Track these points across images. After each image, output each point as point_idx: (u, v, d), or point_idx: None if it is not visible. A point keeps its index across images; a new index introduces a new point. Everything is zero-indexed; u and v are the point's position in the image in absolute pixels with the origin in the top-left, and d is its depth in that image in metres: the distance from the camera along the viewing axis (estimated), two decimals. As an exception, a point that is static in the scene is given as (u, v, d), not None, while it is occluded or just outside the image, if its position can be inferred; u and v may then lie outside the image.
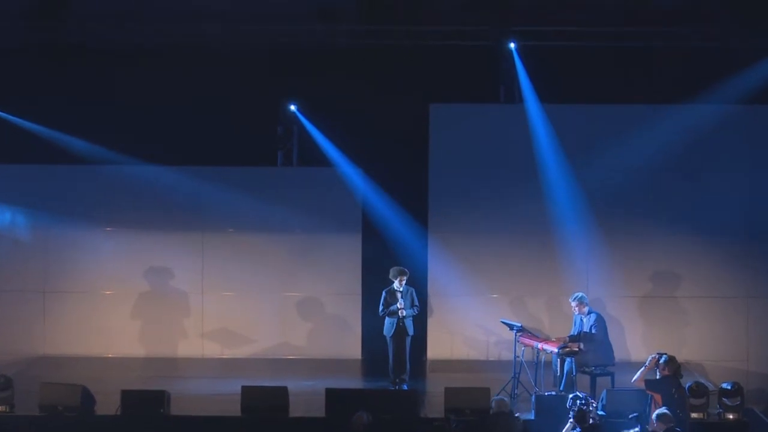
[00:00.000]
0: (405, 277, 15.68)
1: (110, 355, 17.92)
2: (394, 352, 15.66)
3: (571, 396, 12.20)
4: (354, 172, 17.81)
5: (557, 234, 17.40)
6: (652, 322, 17.61)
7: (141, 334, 18.00)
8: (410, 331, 15.73)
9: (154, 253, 17.98)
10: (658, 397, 12.97)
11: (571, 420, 11.85)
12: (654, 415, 11.93)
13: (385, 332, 15.71)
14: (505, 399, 13.01)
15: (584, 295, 15.30)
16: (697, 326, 17.57)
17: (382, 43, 17.22)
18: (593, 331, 14.92)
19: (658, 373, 13.26)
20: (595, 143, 17.28)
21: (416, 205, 17.72)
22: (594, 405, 12.08)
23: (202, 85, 17.36)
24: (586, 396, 12.17)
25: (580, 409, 11.80)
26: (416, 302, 15.81)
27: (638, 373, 13.37)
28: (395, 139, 17.51)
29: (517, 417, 12.95)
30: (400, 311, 15.50)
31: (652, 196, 17.51)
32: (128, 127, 17.47)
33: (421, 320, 16.71)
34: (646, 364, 13.45)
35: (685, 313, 17.58)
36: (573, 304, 15.19)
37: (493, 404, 12.86)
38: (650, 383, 13.19)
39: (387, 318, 15.66)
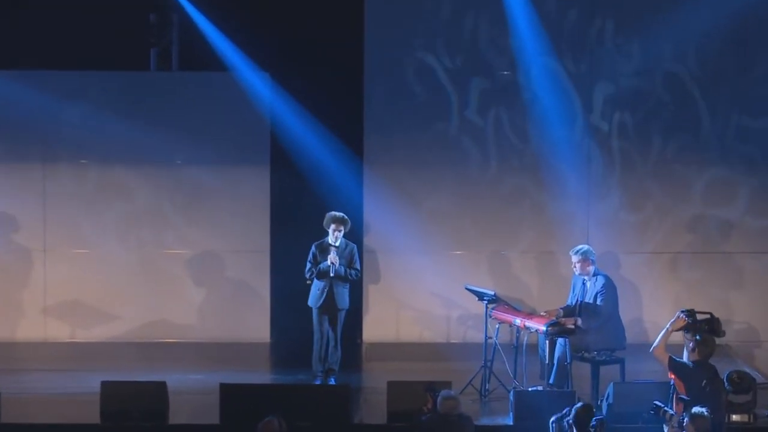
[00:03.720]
0: (343, 227, 15.78)
1: None
2: (321, 332, 15.68)
3: (552, 419, 12.15)
4: (258, 79, 17.82)
5: (545, 166, 17.59)
6: (673, 287, 17.85)
7: (-45, 310, 18.06)
8: (343, 303, 15.78)
9: (-29, 193, 18.02)
10: (680, 385, 12.90)
11: None
12: (686, 415, 11.87)
13: (310, 302, 15.78)
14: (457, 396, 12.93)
15: (590, 248, 15.34)
16: (741, 294, 17.82)
17: None
18: (599, 302, 14.99)
19: (685, 354, 13.18)
20: (599, 34, 17.47)
21: (346, 124, 17.78)
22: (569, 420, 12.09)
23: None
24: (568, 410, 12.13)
25: (600, 421, 11.84)
26: (357, 264, 15.94)
27: (659, 338, 13.32)
28: (316, 29, 17.50)
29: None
30: (331, 265, 15.50)
31: (681, 111, 17.67)
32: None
33: (355, 288, 16.72)
34: (668, 327, 13.42)
35: (722, 274, 17.86)
36: (574, 259, 15.23)
37: (440, 402, 12.76)
38: (675, 364, 13.08)
39: (314, 282, 15.70)
